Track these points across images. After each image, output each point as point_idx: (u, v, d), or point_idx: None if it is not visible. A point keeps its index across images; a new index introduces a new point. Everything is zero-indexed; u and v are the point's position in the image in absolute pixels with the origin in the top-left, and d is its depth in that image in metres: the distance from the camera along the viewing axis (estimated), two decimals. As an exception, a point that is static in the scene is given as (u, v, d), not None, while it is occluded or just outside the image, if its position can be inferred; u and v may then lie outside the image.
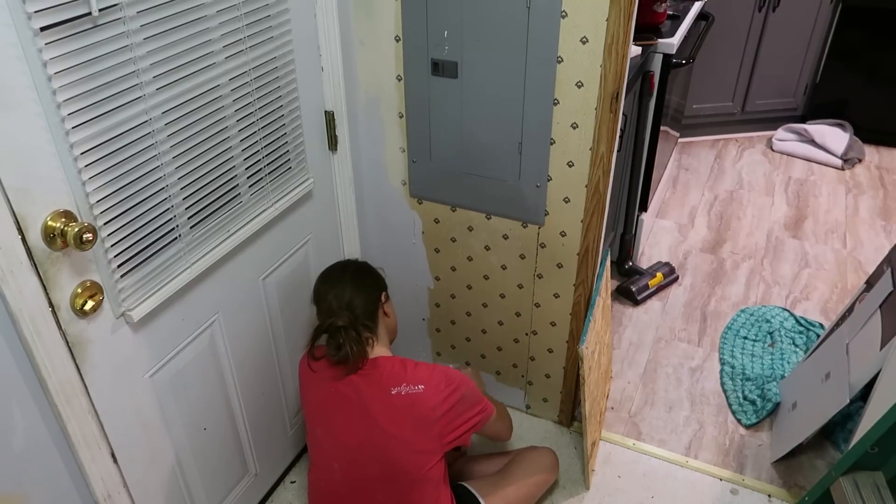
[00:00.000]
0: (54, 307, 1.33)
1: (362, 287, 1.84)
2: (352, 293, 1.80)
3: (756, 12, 3.99)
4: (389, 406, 1.72)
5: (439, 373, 1.77)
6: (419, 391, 1.73)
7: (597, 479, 2.33)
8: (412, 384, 1.73)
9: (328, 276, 1.88)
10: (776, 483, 2.31)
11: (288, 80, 1.82)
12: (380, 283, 1.92)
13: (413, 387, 1.73)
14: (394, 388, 1.73)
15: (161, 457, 1.72)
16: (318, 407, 1.83)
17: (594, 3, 1.71)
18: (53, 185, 1.27)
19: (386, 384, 1.74)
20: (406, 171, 2.20)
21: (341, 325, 1.75)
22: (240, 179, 1.74)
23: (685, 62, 2.89)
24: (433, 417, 1.73)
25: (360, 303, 1.80)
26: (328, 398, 1.79)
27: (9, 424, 1.32)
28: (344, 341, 1.74)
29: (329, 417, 1.80)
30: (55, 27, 1.19)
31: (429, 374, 1.76)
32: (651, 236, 3.57)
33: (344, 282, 1.83)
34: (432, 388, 1.73)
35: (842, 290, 3.19)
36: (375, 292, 1.87)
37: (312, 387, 1.84)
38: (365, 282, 1.86)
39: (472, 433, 1.84)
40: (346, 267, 1.90)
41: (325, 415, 1.81)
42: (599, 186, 1.97)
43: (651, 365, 2.79)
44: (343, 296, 1.80)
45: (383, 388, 1.74)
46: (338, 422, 1.78)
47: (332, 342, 1.76)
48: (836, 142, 4.17)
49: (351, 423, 1.75)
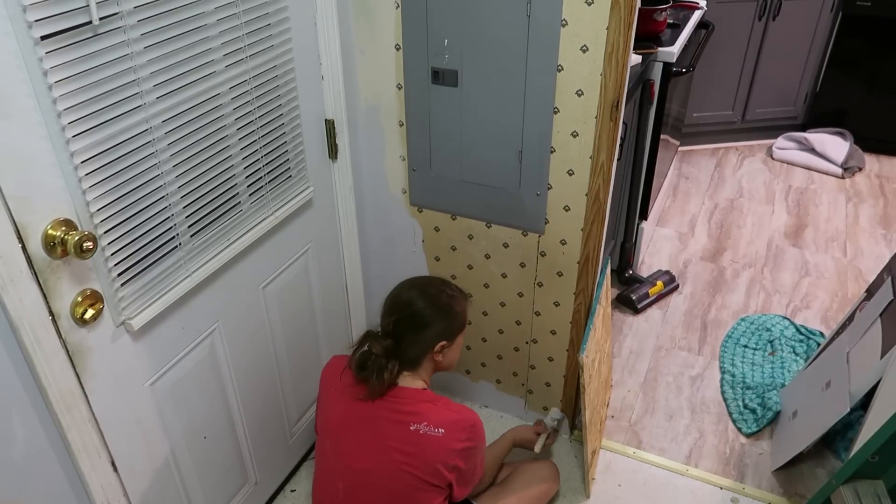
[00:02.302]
0: (55, 316, 1.33)
1: (426, 327, 1.72)
2: (410, 330, 1.71)
3: (756, 21, 4.00)
4: (406, 441, 1.67)
5: (465, 421, 1.70)
6: (438, 434, 1.66)
7: (597, 487, 2.32)
8: (433, 426, 1.66)
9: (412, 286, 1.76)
10: (777, 492, 2.30)
11: (288, 88, 1.82)
12: (451, 327, 1.77)
13: (433, 429, 1.66)
14: (413, 425, 1.66)
15: (161, 465, 1.72)
16: (334, 422, 1.77)
17: (594, 12, 1.72)
18: (54, 193, 1.28)
19: (407, 418, 1.68)
20: (406, 180, 2.21)
21: (375, 353, 1.69)
22: (240, 188, 1.74)
23: (685, 71, 2.90)
24: (444, 463, 1.67)
25: (411, 341, 1.71)
26: (346, 415, 1.74)
27: (9, 433, 1.32)
28: (371, 368, 1.68)
29: (341, 435, 1.74)
30: (56, 36, 1.20)
31: (454, 418, 1.69)
32: (651, 245, 3.57)
33: (412, 311, 1.71)
34: (452, 436, 1.67)
35: (842, 299, 3.19)
36: (437, 338, 1.73)
37: (332, 397, 1.78)
38: (433, 324, 1.72)
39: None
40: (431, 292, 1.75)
41: (338, 432, 1.75)
42: (600, 195, 1.97)
43: (651, 373, 2.78)
44: (400, 326, 1.70)
45: (403, 422, 1.67)
46: (350, 442, 1.72)
47: (360, 360, 1.71)
48: (837, 150, 4.17)
49: (363, 447, 1.70)
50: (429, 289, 1.77)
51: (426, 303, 1.73)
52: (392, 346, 1.70)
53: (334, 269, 2.28)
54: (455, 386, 2.61)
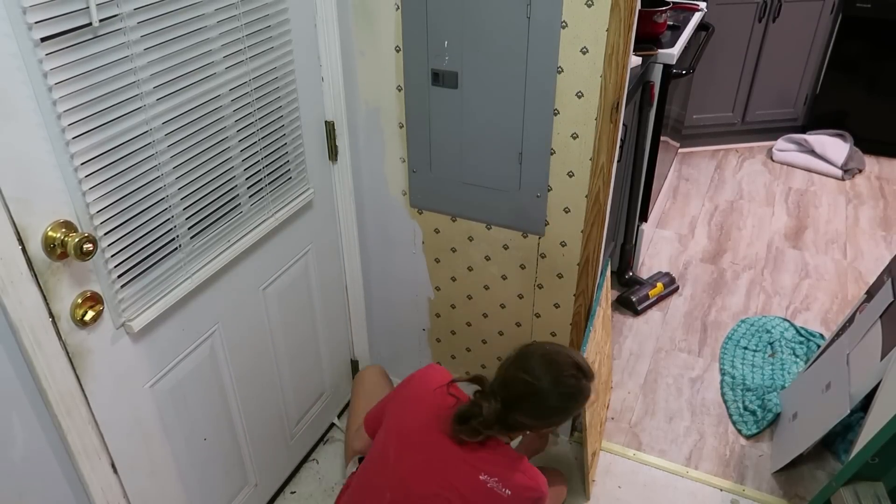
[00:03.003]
0: (55, 318, 1.33)
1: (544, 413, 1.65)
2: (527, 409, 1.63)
3: (756, 23, 4.00)
4: (471, 488, 1.63)
5: (534, 490, 1.65)
6: (504, 495, 1.62)
7: (597, 489, 2.32)
8: (502, 485, 1.62)
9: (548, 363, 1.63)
10: (777, 494, 2.30)
11: (288, 90, 1.82)
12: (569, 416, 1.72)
13: (501, 488, 1.62)
14: (483, 475, 1.62)
15: (161, 467, 1.72)
16: (408, 433, 1.71)
17: (594, 14, 1.72)
18: (54, 195, 1.28)
19: (480, 466, 1.63)
20: (406, 182, 2.21)
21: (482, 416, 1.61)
22: (240, 189, 1.74)
23: (685, 72, 2.90)
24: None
25: (523, 417, 1.63)
26: (425, 433, 1.68)
27: (9, 435, 1.32)
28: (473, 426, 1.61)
29: (411, 449, 1.69)
30: (56, 38, 1.20)
31: (524, 484, 1.64)
32: (651, 246, 3.57)
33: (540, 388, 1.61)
34: (517, 501, 1.63)
35: (842, 301, 3.19)
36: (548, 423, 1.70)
37: (418, 406, 1.72)
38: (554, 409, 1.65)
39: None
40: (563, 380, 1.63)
41: (410, 444, 1.69)
42: (600, 197, 1.97)
43: (651, 375, 2.78)
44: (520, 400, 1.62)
45: (476, 469, 1.63)
46: (416, 461, 1.68)
47: (465, 410, 1.64)
48: (837, 152, 4.17)
49: (427, 471, 1.66)
50: (563, 373, 1.64)
51: (555, 390, 1.63)
52: (501, 413, 1.62)
53: (334, 270, 2.28)
54: (455, 388, 2.61)
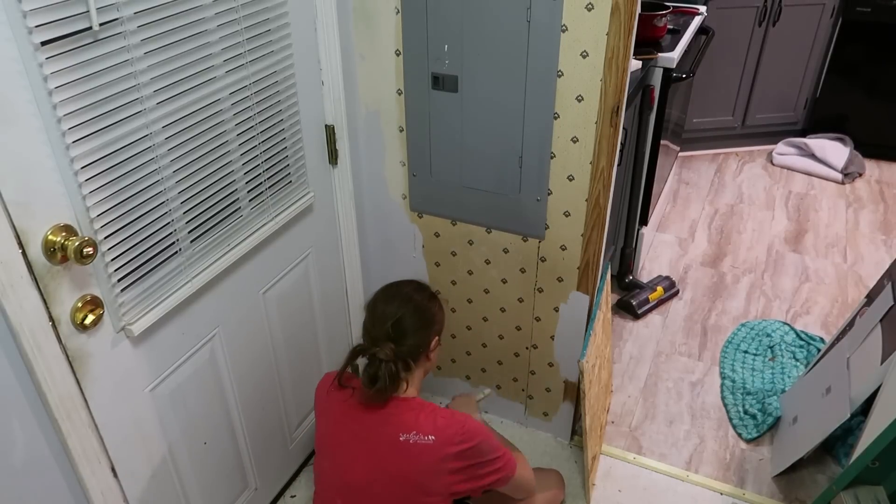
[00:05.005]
0: (55, 321, 1.33)
1: (421, 324, 1.71)
2: (408, 327, 1.68)
3: (756, 27, 4.01)
4: (397, 452, 1.64)
5: (456, 424, 1.66)
6: (429, 442, 1.63)
7: (597, 493, 2.32)
8: (423, 434, 1.63)
9: (392, 296, 1.73)
10: (777, 497, 2.30)
11: (288, 94, 1.83)
12: (441, 321, 1.80)
13: (423, 437, 1.63)
14: (402, 435, 1.64)
15: (161, 471, 1.72)
16: (329, 439, 1.75)
17: (594, 18, 1.72)
18: (54, 199, 1.28)
19: (396, 429, 1.65)
20: (406, 185, 2.21)
21: (382, 359, 1.65)
22: (240, 193, 1.74)
23: (685, 76, 2.90)
24: (442, 470, 1.64)
25: (411, 340, 1.69)
26: (339, 431, 1.72)
27: (9, 439, 1.32)
28: (383, 374, 1.64)
29: (336, 451, 1.73)
30: (56, 42, 1.20)
31: (444, 424, 1.65)
32: (651, 250, 3.57)
33: (405, 310, 1.69)
34: (444, 441, 1.63)
35: (842, 305, 3.18)
36: (431, 333, 1.74)
37: (325, 415, 1.77)
38: (426, 318, 1.73)
39: (487, 489, 1.74)
40: (413, 296, 1.74)
41: (333, 448, 1.74)
42: (600, 200, 1.97)
43: (651, 379, 2.78)
44: (398, 326, 1.67)
45: (393, 433, 1.65)
46: (344, 457, 1.71)
47: (368, 371, 1.67)
48: (837, 156, 4.18)
49: (356, 461, 1.69)
50: (405, 288, 1.76)
51: (414, 298, 1.73)
52: (395, 348, 1.67)
53: (334, 274, 2.28)
54: (455, 391, 2.61)
